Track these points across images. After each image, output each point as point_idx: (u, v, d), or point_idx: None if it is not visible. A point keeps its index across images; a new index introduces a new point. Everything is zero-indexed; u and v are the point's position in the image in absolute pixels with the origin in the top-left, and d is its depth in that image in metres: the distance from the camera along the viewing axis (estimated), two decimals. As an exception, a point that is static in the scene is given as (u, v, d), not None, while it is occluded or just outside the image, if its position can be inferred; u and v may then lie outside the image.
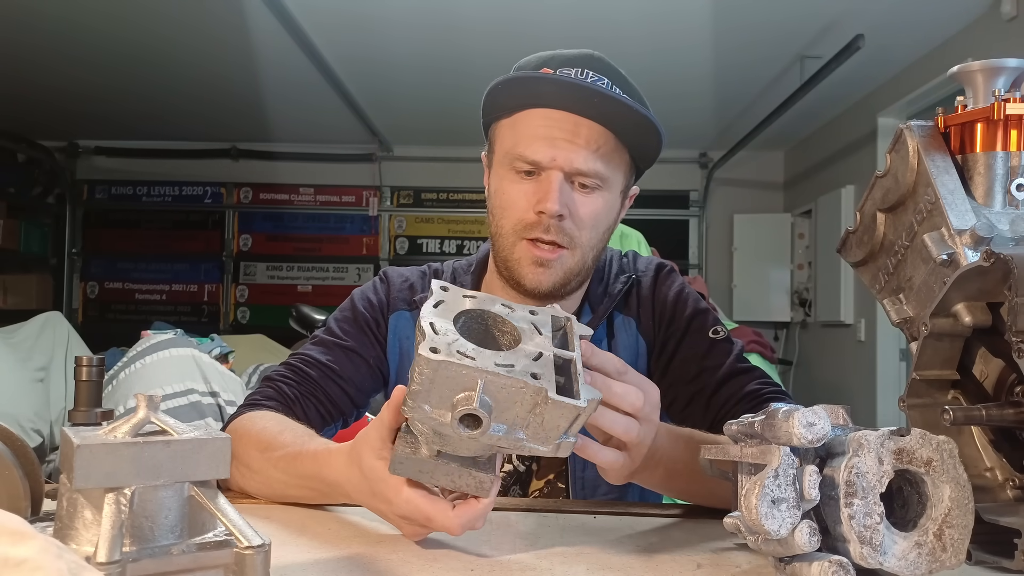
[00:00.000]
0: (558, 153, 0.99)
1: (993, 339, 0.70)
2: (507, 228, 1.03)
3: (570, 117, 0.99)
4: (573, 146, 0.99)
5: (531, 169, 1.01)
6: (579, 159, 0.99)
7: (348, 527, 0.83)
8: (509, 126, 1.04)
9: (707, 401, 1.05)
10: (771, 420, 0.60)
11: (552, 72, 1.00)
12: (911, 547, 0.58)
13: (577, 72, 1.00)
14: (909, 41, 3.68)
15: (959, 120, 0.79)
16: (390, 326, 1.14)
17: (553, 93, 0.99)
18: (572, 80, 0.98)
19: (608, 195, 1.03)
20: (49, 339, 2.87)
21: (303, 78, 4.19)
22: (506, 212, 1.03)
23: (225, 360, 2.84)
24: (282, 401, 1.05)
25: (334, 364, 1.09)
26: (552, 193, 0.98)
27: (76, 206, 5.97)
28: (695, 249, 5.91)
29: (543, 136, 0.99)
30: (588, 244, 1.04)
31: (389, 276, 1.19)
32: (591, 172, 1.00)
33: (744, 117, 4.81)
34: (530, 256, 1.02)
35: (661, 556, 0.74)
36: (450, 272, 1.19)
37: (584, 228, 1.02)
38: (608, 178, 1.02)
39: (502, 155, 1.04)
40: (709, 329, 1.10)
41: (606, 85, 1.00)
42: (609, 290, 1.14)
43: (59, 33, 3.76)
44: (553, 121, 0.99)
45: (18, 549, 0.40)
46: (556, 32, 3.56)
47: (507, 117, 1.04)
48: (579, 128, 0.99)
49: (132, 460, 0.49)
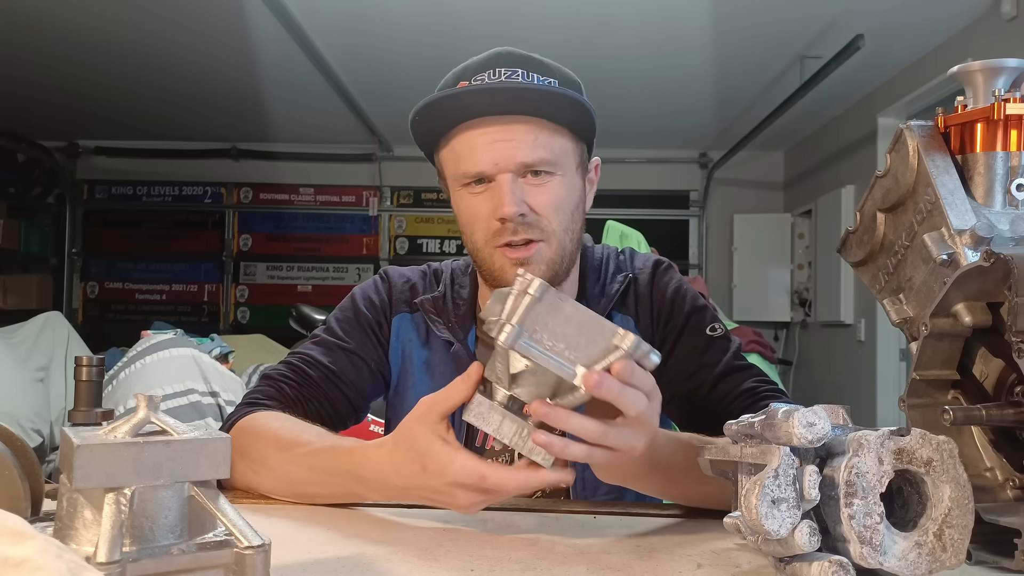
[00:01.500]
0: (498, 157, 1.00)
1: (993, 339, 0.70)
2: (479, 242, 1.05)
3: (498, 119, 1.01)
4: (510, 144, 1.00)
5: (480, 179, 1.03)
6: (520, 153, 1.00)
7: (348, 527, 0.83)
8: (448, 150, 1.06)
9: (704, 398, 1.05)
10: (771, 420, 0.60)
11: (467, 83, 1.02)
12: (911, 547, 0.58)
13: (489, 74, 1.02)
14: (909, 41, 3.68)
15: (959, 120, 0.79)
16: (393, 328, 1.14)
17: (472, 104, 1.01)
18: (483, 86, 1.01)
19: (562, 177, 1.04)
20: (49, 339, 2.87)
21: (303, 78, 4.19)
22: (472, 226, 1.05)
23: (225, 360, 2.84)
24: (283, 401, 1.05)
25: (335, 367, 1.09)
26: (505, 196, 1.00)
27: (76, 206, 5.97)
28: (695, 249, 5.91)
29: (479, 146, 1.01)
30: (560, 229, 1.04)
31: (390, 276, 1.19)
32: (536, 161, 1.01)
33: (744, 117, 4.81)
34: (508, 261, 1.03)
35: (661, 556, 0.74)
36: (449, 272, 1.19)
37: (550, 215, 1.03)
38: (556, 161, 1.03)
39: (452, 179, 1.07)
40: (707, 326, 1.10)
41: (520, 75, 1.02)
42: (606, 290, 1.14)
43: (59, 33, 3.76)
44: (484, 129, 1.01)
45: (18, 549, 0.40)
46: (556, 33, 3.56)
47: (443, 142, 1.07)
48: (510, 126, 1.00)
49: (132, 460, 0.49)
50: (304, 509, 0.90)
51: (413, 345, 1.14)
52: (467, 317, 1.13)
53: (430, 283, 1.19)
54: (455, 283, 1.17)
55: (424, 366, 1.13)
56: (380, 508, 0.92)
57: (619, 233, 3.06)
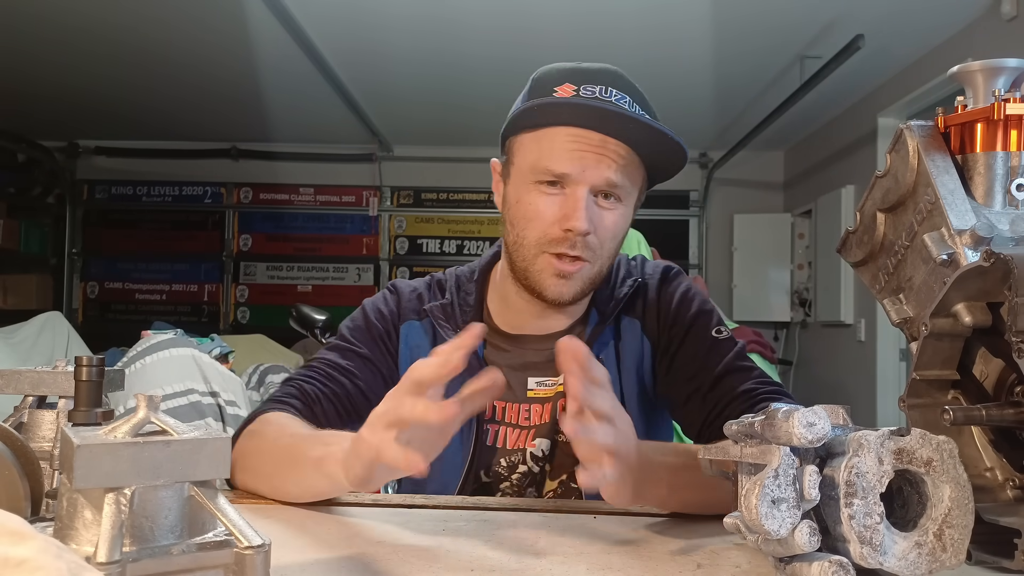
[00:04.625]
0: (587, 165, 1.00)
1: (993, 339, 0.70)
2: (530, 240, 1.04)
3: (596, 134, 1.00)
4: (602, 160, 1.00)
5: (555, 181, 1.02)
6: (608, 172, 1.01)
7: (348, 527, 0.83)
8: (533, 139, 1.04)
9: (703, 398, 1.06)
10: (771, 420, 0.60)
11: (576, 87, 1.02)
12: (911, 547, 0.58)
13: (602, 90, 1.02)
14: (909, 41, 3.68)
15: (959, 120, 0.79)
16: (401, 336, 1.15)
17: (583, 114, 1.00)
18: (601, 105, 0.99)
19: (626, 208, 1.06)
20: (49, 339, 2.87)
21: (303, 78, 4.19)
22: (531, 224, 1.04)
23: (225, 360, 2.84)
24: (303, 400, 1.06)
25: (353, 368, 1.11)
26: (580, 211, 1.00)
27: (76, 206, 5.97)
28: (695, 249, 5.91)
29: (571, 150, 1.00)
30: (607, 255, 1.06)
31: (399, 287, 1.20)
32: (618, 183, 1.02)
33: (744, 117, 4.81)
34: (553, 269, 1.03)
35: (661, 556, 0.74)
36: (453, 280, 1.20)
37: (606, 241, 1.04)
38: (629, 191, 1.05)
39: (526, 168, 1.04)
40: (712, 328, 1.11)
41: (628, 103, 1.02)
42: (615, 293, 1.14)
43: (60, 33, 3.76)
44: (581, 136, 1.00)
45: (18, 549, 0.40)
46: (556, 34, 3.57)
47: (530, 131, 1.05)
48: (606, 143, 1.00)
49: (132, 460, 0.49)
50: (304, 509, 0.90)
51: (422, 351, 1.14)
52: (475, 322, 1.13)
53: (435, 293, 1.19)
54: (461, 289, 1.18)
55: None
56: (380, 508, 0.92)
57: (619, 233, 3.06)
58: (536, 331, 1.13)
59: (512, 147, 1.08)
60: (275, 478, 0.94)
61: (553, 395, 1.11)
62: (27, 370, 0.79)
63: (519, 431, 1.11)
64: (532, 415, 1.11)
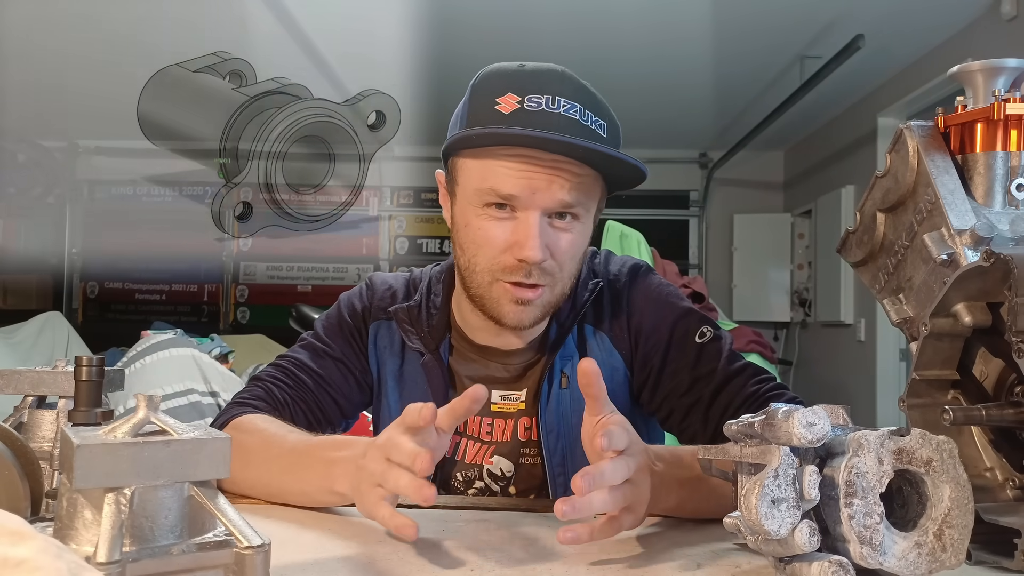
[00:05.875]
0: (537, 189, 0.92)
1: (993, 339, 0.70)
2: (482, 266, 0.97)
3: (547, 154, 0.92)
4: (553, 182, 0.92)
5: (504, 203, 0.94)
6: (561, 193, 0.92)
7: (348, 527, 0.83)
8: (475, 160, 0.95)
9: (705, 412, 1.02)
10: (771, 420, 0.60)
11: (520, 99, 0.92)
12: (911, 547, 0.58)
13: (548, 100, 0.92)
14: (909, 41, 3.68)
15: (959, 120, 0.79)
16: (369, 335, 1.12)
17: (531, 142, 0.91)
18: (547, 135, 0.90)
19: (583, 225, 0.98)
20: (49, 339, 2.87)
21: (303, 78, 4.18)
22: (481, 250, 0.96)
23: (225, 360, 2.84)
24: (271, 403, 1.04)
25: (323, 371, 1.09)
26: (533, 239, 0.92)
27: (76, 206, 5.97)
28: (695, 249, 5.91)
29: (519, 172, 0.92)
30: (568, 276, 0.99)
31: (374, 283, 1.16)
32: (572, 202, 0.94)
33: (744, 117, 4.81)
34: (510, 296, 0.96)
35: (661, 556, 0.74)
36: (426, 281, 1.14)
37: (565, 263, 0.97)
38: (586, 207, 0.97)
39: (471, 190, 0.96)
40: (694, 333, 1.04)
41: (580, 111, 0.93)
42: (576, 301, 1.06)
43: (59, 33, 3.76)
44: (529, 157, 0.91)
45: (18, 549, 0.40)
46: (556, 34, 3.56)
47: (473, 155, 0.96)
48: (557, 163, 0.92)
49: (132, 460, 0.49)
50: (304, 509, 0.90)
51: (387, 353, 1.11)
52: (441, 327, 1.09)
53: (409, 292, 1.14)
54: (431, 291, 1.12)
55: (395, 376, 1.10)
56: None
57: (619, 233, 3.07)
58: (500, 345, 1.08)
59: (455, 167, 0.99)
60: (271, 486, 0.93)
61: (516, 411, 1.07)
62: (27, 370, 0.79)
63: (480, 445, 1.08)
64: (495, 430, 1.08)
